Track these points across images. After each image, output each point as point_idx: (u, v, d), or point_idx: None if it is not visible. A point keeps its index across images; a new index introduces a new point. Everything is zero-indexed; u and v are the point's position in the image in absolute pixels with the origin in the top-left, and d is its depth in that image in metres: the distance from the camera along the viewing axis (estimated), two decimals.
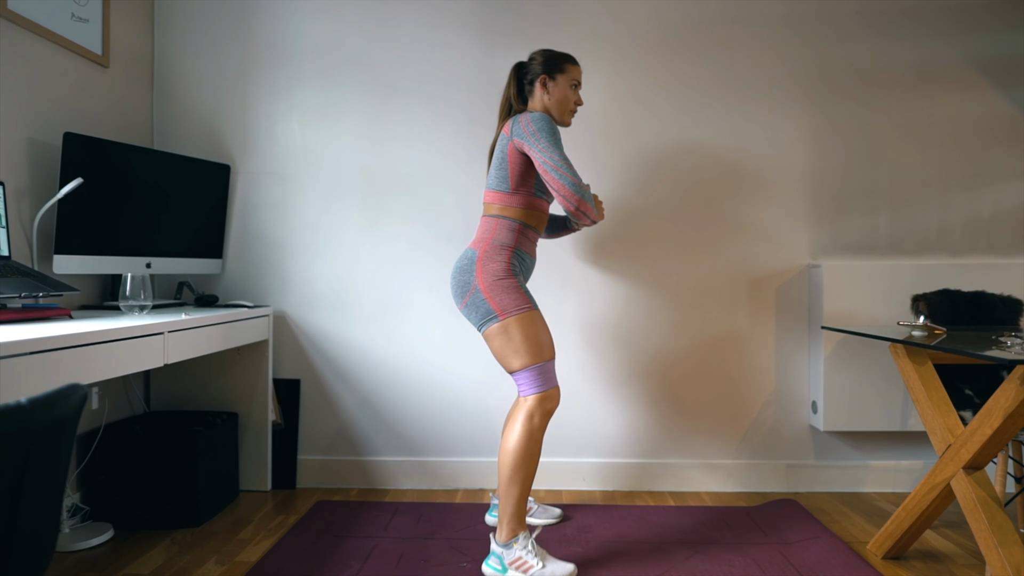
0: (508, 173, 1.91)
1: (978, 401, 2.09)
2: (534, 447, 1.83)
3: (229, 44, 2.66)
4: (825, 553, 1.97)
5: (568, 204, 1.78)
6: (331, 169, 2.65)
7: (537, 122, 1.83)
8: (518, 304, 1.83)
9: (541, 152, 1.80)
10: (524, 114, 1.88)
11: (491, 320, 1.83)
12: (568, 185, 1.77)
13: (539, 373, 1.84)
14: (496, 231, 1.91)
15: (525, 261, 1.95)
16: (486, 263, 1.86)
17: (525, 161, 1.90)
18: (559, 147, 1.81)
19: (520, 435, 1.82)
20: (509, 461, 1.83)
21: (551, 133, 1.82)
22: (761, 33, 2.63)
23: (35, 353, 1.35)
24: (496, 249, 1.88)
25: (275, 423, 2.58)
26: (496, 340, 1.84)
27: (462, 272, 1.88)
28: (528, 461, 1.83)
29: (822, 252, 2.64)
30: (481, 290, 1.84)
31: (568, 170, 1.78)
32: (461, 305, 1.89)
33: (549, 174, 1.78)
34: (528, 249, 1.96)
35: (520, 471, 1.82)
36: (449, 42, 2.64)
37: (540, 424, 1.83)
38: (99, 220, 2.16)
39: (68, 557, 1.96)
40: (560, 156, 1.78)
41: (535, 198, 1.94)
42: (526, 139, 1.83)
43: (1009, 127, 2.62)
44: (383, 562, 1.93)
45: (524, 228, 1.93)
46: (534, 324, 1.83)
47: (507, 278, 1.85)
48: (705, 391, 2.63)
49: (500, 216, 1.92)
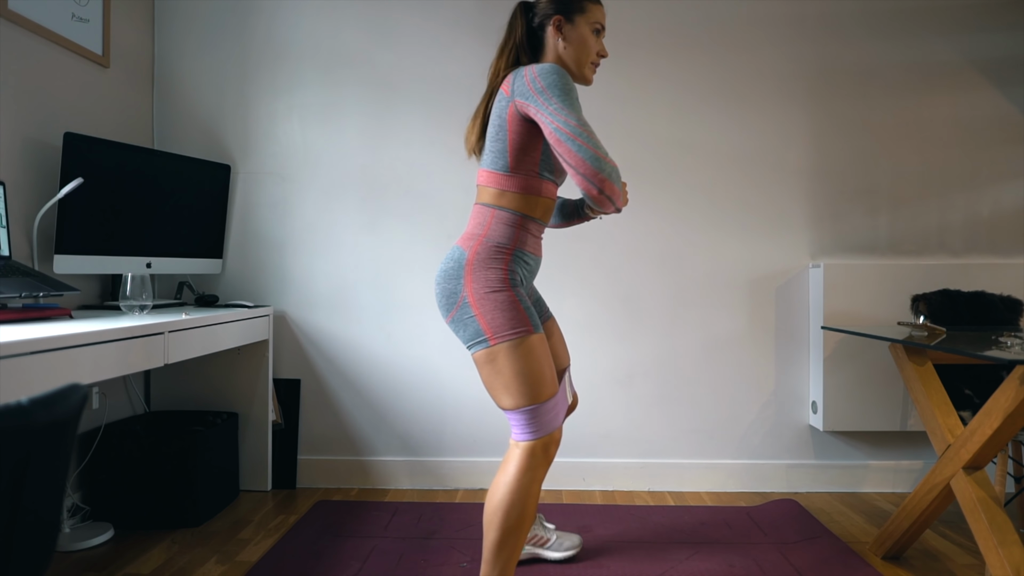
0: (506, 146, 1.47)
1: (978, 401, 2.09)
2: (529, 504, 1.43)
3: (229, 44, 2.66)
4: (825, 553, 1.97)
5: (588, 185, 1.32)
6: (331, 169, 2.65)
7: (547, 76, 1.39)
8: (513, 325, 1.42)
9: (553, 115, 1.35)
10: (530, 66, 1.43)
11: (479, 343, 1.43)
12: (588, 159, 1.31)
13: (533, 417, 1.43)
14: (491, 226, 1.49)
15: (528, 264, 1.55)
16: (477, 269, 1.45)
17: (529, 129, 1.46)
18: (577, 109, 1.36)
19: (512, 488, 1.42)
20: (498, 521, 1.43)
21: (565, 91, 1.37)
22: (761, 33, 2.63)
23: (35, 353, 1.35)
24: (491, 251, 1.47)
25: (275, 423, 2.58)
26: (484, 369, 1.44)
27: (448, 278, 1.47)
28: (521, 522, 1.43)
29: (822, 252, 2.64)
30: (470, 303, 1.44)
31: (588, 140, 1.32)
32: (447, 319, 1.49)
33: (563, 144, 1.33)
34: (532, 248, 1.55)
35: (512, 535, 1.43)
36: (449, 42, 2.64)
37: (536, 476, 1.44)
38: (99, 220, 2.16)
39: (68, 557, 1.96)
40: (578, 120, 1.34)
41: (540, 180, 1.51)
42: (532, 98, 1.39)
43: (1009, 127, 2.62)
44: (383, 562, 1.93)
45: (526, 221, 1.51)
46: (530, 354, 1.42)
47: (503, 291, 1.44)
48: (705, 391, 2.63)
49: (495, 206, 1.50)
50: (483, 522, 1.47)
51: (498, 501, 1.43)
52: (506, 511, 1.43)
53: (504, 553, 1.44)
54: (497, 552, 1.44)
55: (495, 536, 1.44)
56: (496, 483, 1.46)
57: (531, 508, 1.44)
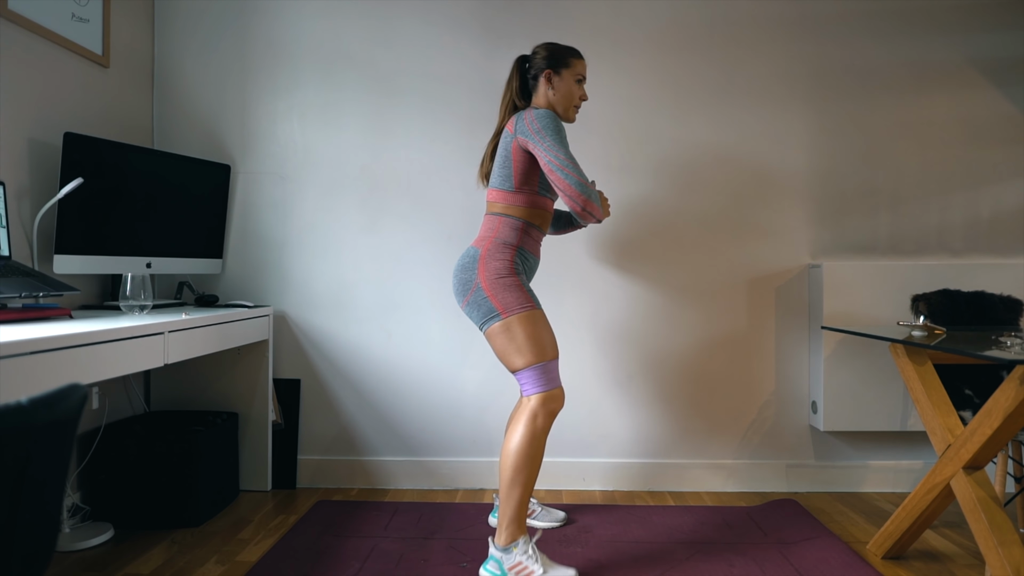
0: (511, 172, 1.87)
1: (978, 401, 2.09)
2: (537, 449, 1.79)
3: (229, 44, 2.66)
4: (825, 553, 1.97)
5: (574, 204, 1.74)
6: (331, 169, 2.65)
7: (542, 119, 1.79)
8: (520, 303, 1.80)
9: (546, 151, 1.76)
10: (528, 111, 1.84)
11: (493, 319, 1.80)
12: (574, 185, 1.72)
13: (542, 372, 1.80)
14: (499, 229, 1.87)
15: (528, 260, 1.92)
16: (488, 261, 1.83)
17: (529, 159, 1.86)
18: (565, 145, 1.77)
19: (523, 436, 1.78)
20: (511, 463, 1.78)
21: (556, 131, 1.78)
22: (761, 33, 2.63)
23: (35, 353, 1.35)
24: (499, 247, 1.85)
25: (275, 423, 2.58)
26: (498, 339, 1.81)
27: (464, 270, 1.85)
28: (531, 463, 1.78)
29: (822, 252, 2.64)
30: (483, 288, 1.81)
31: (574, 169, 1.73)
32: (463, 304, 1.86)
33: (555, 174, 1.74)
34: (532, 248, 1.93)
35: (522, 473, 1.78)
36: (449, 42, 2.64)
37: (544, 425, 1.79)
38: (99, 220, 2.16)
39: (68, 557, 1.96)
40: (566, 155, 1.75)
41: (539, 196, 1.91)
42: (531, 137, 1.79)
43: (1009, 127, 2.62)
44: (383, 562, 1.93)
45: (528, 227, 1.90)
46: (536, 323, 1.80)
47: (509, 276, 1.82)
48: (705, 391, 2.63)
49: (503, 215, 1.89)
50: (499, 466, 1.82)
51: (513, 444, 1.78)
52: (519, 451, 1.77)
53: (517, 489, 1.78)
54: (511, 487, 1.78)
55: (510, 474, 1.78)
56: (510, 432, 1.81)
57: (539, 451, 1.79)
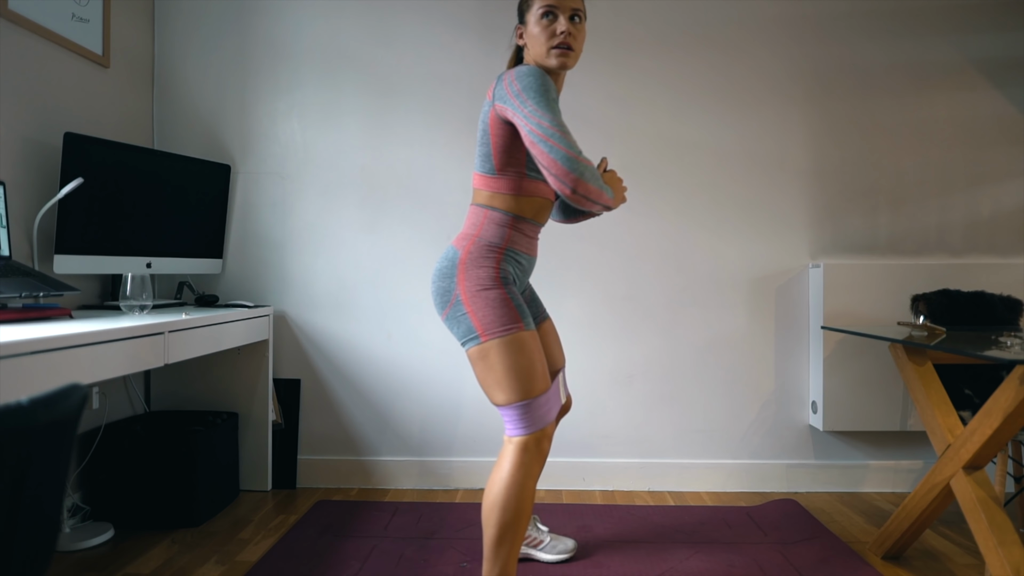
0: (490, 149, 1.50)
1: (978, 401, 2.09)
2: (525, 498, 1.45)
3: (229, 44, 2.66)
4: (825, 553, 1.97)
5: (561, 185, 1.33)
6: (331, 169, 2.65)
7: (523, 78, 1.40)
8: (503, 322, 1.44)
9: (527, 117, 1.36)
10: (508, 71, 1.46)
11: (471, 340, 1.47)
12: (560, 159, 1.31)
13: (525, 412, 1.45)
14: (483, 227, 1.54)
15: (521, 263, 1.58)
16: (470, 268, 1.49)
17: (511, 132, 1.48)
18: (551, 109, 1.36)
19: (507, 484, 1.44)
20: (495, 517, 1.45)
21: (540, 91, 1.38)
22: (761, 33, 2.63)
23: (35, 353, 1.35)
24: (482, 250, 1.51)
25: (275, 423, 2.58)
26: (477, 365, 1.48)
27: (442, 276, 1.52)
28: (518, 517, 1.45)
29: (822, 252, 2.64)
30: (462, 301, 1.47)
31: (561, 140, 1.32)
32: (442, 316, 1.53)
33: (536, 146, 1.34)
34: (524, 247, 1.58)
35: (510, 529, 1.45)
36: (449, 42, 2.64)
37: (531, 472, 1.46)
38: (99, 220, 2.16)
39: (68, 557, 1.96)
40: (551, 121, 1.34)
41: (528, 180, 1.53)
42: (509, 101, 1.40)
43: (1009, 127, 2.62)
44: (383, 562, 1.93)
45: (517, 221, 1.55)
46: (521, 350, 1.45)
47: (494, 288, 1.47)
48: (705, 391, 2.63)
49: (488, 207, 1.54)
50: (481, 520, 1.49)
51: (494, 498, 1.46)
52: (503, 507, 1.45)
53: (503, 549, 1.46)
54: (496, 548, 1.46)
55: (493, 532, 1.46)
56: (492, 480, 1.48)
57: (527, 503, 1.46)
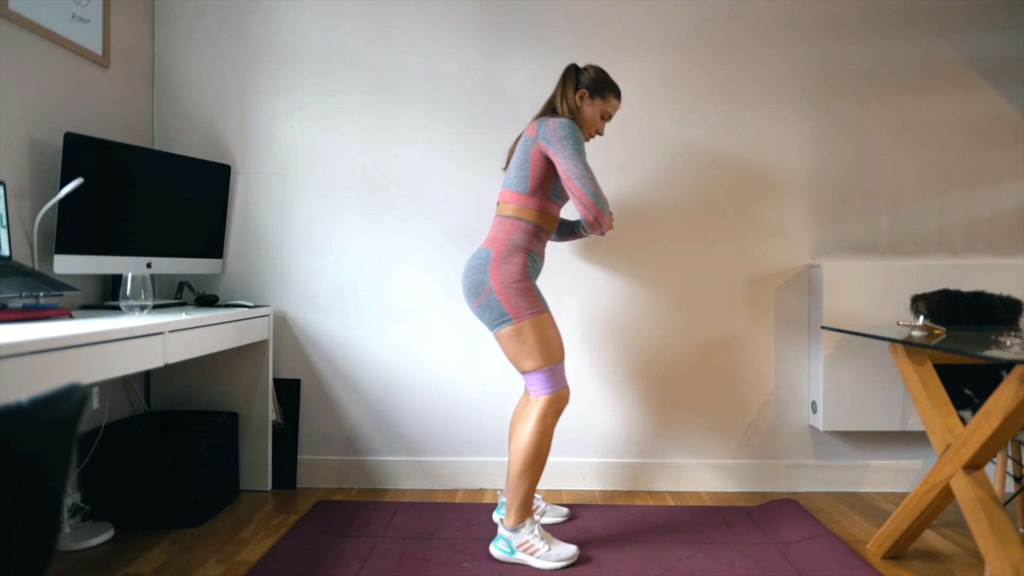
0: (528, 175, 1.94)
1: (978, 401, 2.09)
2: (546, 444, 1.91)
3: (229, 44, 2.66)
4: (825, 553, 1.97)
5: (587, 213, 1.83)
6: (331, 169, 2.65)
7: (565, 128, 1.87)
8: (532, 307, 1.88)
9: (566, 159, 1.84)
10: (551, 118, 1.91)
11: (505, 322, 1.88)
12: (590, 195, 1.82)
13: (551, 374, 1.90)
14: (511, 232, 1.94)
15: (536, 262, 1.99)
16: (501, 265, 1.89)
17: (547, 165, 1.93)
18: (582, 155, 1.86)
19: (533, 433, 1.89)
20: (521, 457, 1.90)
21: (577, 141, 1.86)
22: (761, 33, 2.63)
23: (36, 353, 1.35)
24: (511, 251, 1.91)
25: (275, 423, 2.58)
26: (509, 342, 1.89)
27: (476, 272, 1.91)
28: (539, 457, 1.91)
29: (822, 252, 2.64)
30: (496, 291, 1.87)
31: (592, 181, 1.83)
32: (473, 305, 1.93)
33: (573, 182, 1.83)
34: (539, 250, 2.00)
35: (532, 467, 1.91)
36: (449, 42, 2.64)
37: (552, 422, 1.91)
38: (99, 220, 2.16)
39: (68, 557, 1.96)
40: (585, 166, 1.84)
41: (550, 202, 1.98)
42: (552, 144, 1.87)
43: (1009, 127, 2.62)
44: (383, 562, 1.93)
45: (538, 230, 1.97)
46: (546, 327, 1.89)
47: (522, 280, 1.89)
48: (705, 391, 2.63)
49: (515, 217, 1.95)
50: (509, 459, 1.95)
51: (523, 441, 1.90)
52: (529, 447, 1.89)
53: (525, 482, 1.91)
54: (520, 479, 1.91)
55: (519, 468, 1.90)
56: (520, 429, 1.92)
57: (547, 446, 1.91)
